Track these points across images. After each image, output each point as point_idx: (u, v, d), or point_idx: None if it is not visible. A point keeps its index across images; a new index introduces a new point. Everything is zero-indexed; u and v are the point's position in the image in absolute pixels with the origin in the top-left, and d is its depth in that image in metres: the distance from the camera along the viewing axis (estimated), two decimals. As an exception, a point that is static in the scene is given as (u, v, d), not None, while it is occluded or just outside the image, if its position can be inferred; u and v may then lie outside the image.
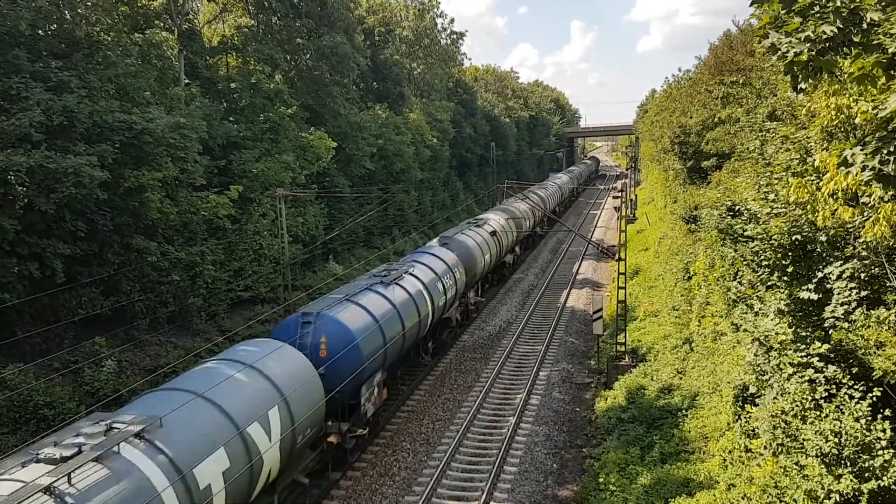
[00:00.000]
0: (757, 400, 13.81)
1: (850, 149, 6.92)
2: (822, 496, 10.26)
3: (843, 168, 7.18)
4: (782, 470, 11.89)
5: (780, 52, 6.53)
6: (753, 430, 14.18)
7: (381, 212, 46.15)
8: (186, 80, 32.44)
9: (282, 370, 16.04)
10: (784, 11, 6.59)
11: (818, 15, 6.28)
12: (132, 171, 22.78)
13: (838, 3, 6.22)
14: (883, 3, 6.17)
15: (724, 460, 16.07)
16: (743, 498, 13.10)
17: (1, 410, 18.04)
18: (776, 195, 13.64)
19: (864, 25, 6.24)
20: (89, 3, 24.25)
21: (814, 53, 6.38)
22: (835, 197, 9.12)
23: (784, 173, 13.14)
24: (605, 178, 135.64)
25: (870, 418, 10.49)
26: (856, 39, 6.31)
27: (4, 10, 20.70)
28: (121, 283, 23.79)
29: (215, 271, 28.78)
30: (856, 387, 10.93)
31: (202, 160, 27.73)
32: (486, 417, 23.78)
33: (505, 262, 44.70)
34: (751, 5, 6.88)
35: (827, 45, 6.33)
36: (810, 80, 6.77)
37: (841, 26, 6.19)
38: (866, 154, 6.68)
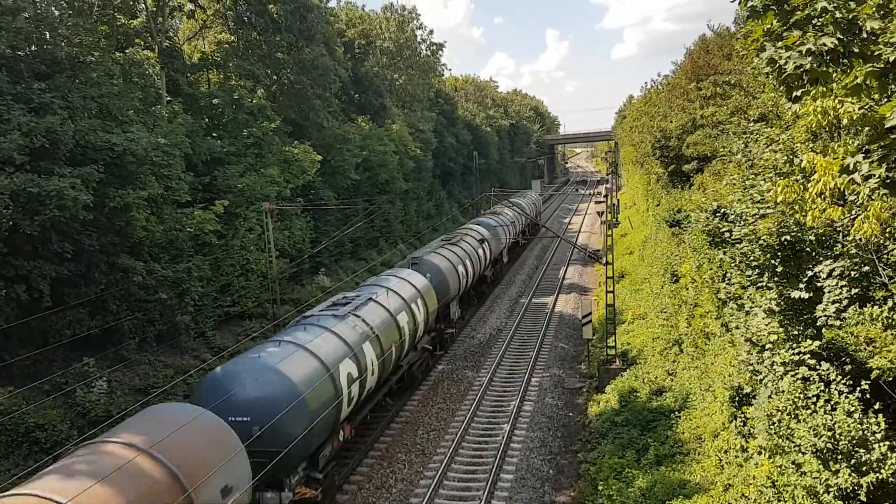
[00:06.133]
0: (752, 400, 13.95)
1: (852, 156, 7.04)
2: (821, 491, 10.40)
3: (844, 175, 7.29)
4: (779, 469, 12.02)
5: (778, 65, 6.64)
6: (750, 430, 14.32)
7: (368, 223, 46.12)
8: (168, 98, 32.30)
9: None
10: (780, 24, 6.71)
11: (818, 26, 6.38)
12: (116, 191, 22.62)
13: (837, 15, 6.33)
14: (881, 12, 6.30)
15: (720, 461, 16.21)
16: (741, 497, 13.23)
17: (-9, 435, 17.81)
18: (762, 196, 13.83)
19: (864, 35, 6.35)
20: (69, 24, 24.11)
21: (815, 66, 6.49)
22: (822, 196, 9.29)
23: (771, 174, 13.34)
24: (586, 184, 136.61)
25: (862, 412, 10.66)
26: (855, 50, 6.43)
27: None
28: (108, 302, 23.57)
29: (202, 287, 28.59)
30: (844, 382, 11.10)
31: (186, 177, 27.59)
32: (481, 425, 23.80)
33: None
34: (747, 19, 7.00)
35: (827, 56, 6.44)
36: (805, 89, 6.88)
37: (841, 37, 6.30)
38: (871, 163, 6.79)
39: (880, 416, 10.50)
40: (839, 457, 10.24)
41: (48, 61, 22.94)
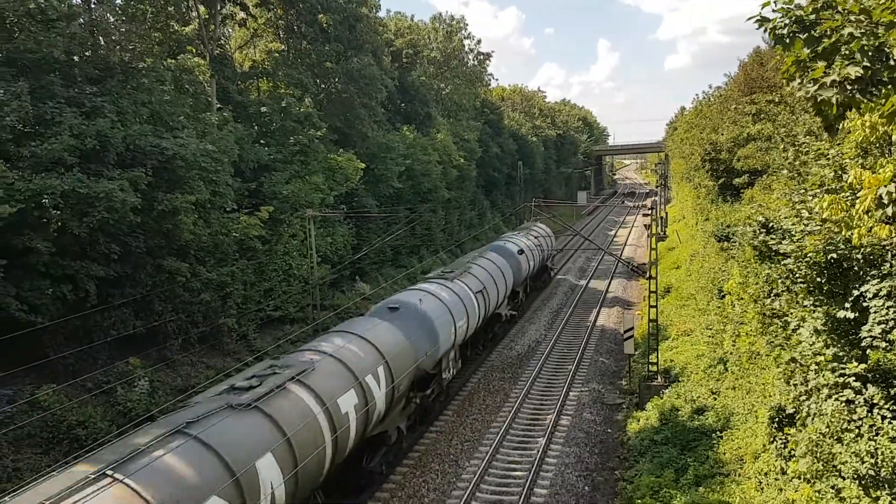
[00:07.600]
0: (795, 422, 13.45)
1: (885, 186, 6.75)
2: (862, 521, 9.94)
3: (880, 209, 7.00)
4: (818, 494, 11.53)
5: (808, 94, 6.41)
6: (790, 452, 13.80)
7: (409, 231, 46.25)
8: (218, 105, 32.97)
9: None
10: (809, 52, 6.47)
11: (845, 55, 6.13)
12: (165, 195, 23.11)
13: (863, 42, 6.06)
14: None
15: (760, 483, 15.67)
16: (780, 523, 12.73)
17: (34, 430, 18.28)
18: (810, 212, 13.37)
19: (892, 62, 6.07)
20: (123, 30, 24.79)
21: (842, 97, 6.24)
22: (870, 214, 8.91)
23: (818, 190, 12.88)
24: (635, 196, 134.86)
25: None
26: (883, 78, 6.16)
27: (39, 36, 21.18)
28: (153, 303, 24.07)
29: (245, 291, 29.01)
30: (888, 406, 10.59)
31: (234, 183, 28.07)
32: (516, 438, 23.51)
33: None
34: (774, 46, 6.78)
35: (854, 86, 6.19)
36: (844, 120, 6.63)
37: (868, 65, 6.05)
38: None
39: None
40: (881, 483, 9.76)
41: (101, 66, 23.58)
